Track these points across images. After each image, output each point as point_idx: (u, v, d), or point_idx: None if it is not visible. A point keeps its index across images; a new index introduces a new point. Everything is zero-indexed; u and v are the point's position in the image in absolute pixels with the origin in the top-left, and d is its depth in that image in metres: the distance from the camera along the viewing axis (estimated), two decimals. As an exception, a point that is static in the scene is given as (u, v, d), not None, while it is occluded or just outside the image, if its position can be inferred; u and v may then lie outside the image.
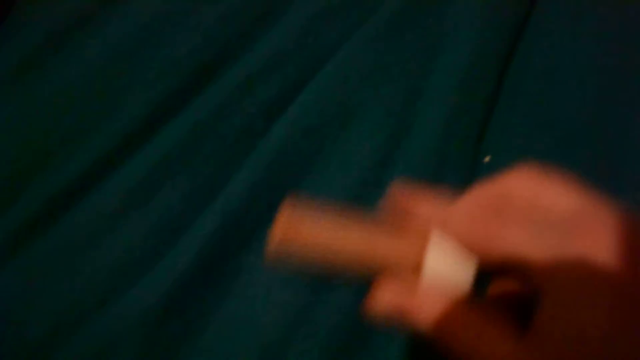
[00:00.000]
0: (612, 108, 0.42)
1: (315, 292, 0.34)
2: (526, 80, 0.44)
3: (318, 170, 0.38)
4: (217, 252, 0.35)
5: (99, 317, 0.34)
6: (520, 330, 0.23)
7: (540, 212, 0.24)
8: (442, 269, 0.26)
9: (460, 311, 0.24)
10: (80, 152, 0.38)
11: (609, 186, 0.38)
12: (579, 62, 0.44)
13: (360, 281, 0.35)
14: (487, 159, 0.40)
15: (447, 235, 0.26)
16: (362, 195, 0.37)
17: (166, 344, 0.34)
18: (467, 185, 0.38)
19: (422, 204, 0.28)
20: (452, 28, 0.45)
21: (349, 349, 0.33)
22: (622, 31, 0.47)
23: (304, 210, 0.28)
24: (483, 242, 0.24)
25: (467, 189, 0.37)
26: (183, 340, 0.34)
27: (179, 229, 0.36)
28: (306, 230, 0.27)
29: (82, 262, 0.36)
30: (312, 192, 0.37)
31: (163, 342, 0.34)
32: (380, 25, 0.44)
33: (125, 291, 0.35)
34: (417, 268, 0.26)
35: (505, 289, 0.27)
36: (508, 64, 0.45)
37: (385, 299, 0.26)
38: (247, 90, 0.41)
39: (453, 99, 0.40)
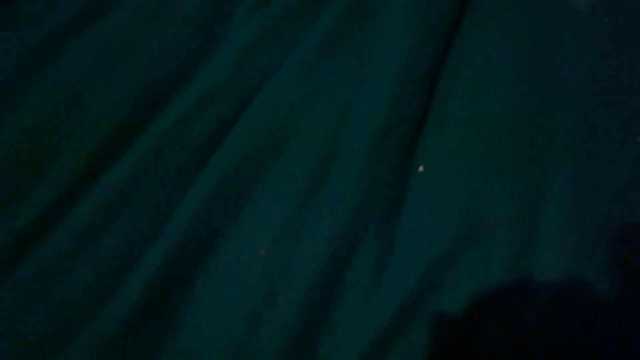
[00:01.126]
0: (540, 112, 0.44)
1: (258, 314, 0.36)
2: (456, 89, 0.46)
3: (256, 197, 0.39)
4: (163, 286, 0.36)
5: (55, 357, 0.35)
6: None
7: None
8: None
9: None
10: (25, 199, 0.40)
11: (538, 185, 0.40)
12: (507, 69, 0.46)
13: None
14: (421, 168, 0.42)
15: None
16: (299, 218, 0.38)
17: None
18: (401, 197, 0.40)
19: None
20: (380, 46, 0.46)
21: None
22: (548, 39, 0.49)
23: None
24: None
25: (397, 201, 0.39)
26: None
27: (126, 268, 0.37)
28: None
29: (33, 309, 0.37)
30: (251, 219, 0.38)
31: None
32: (309, 51, 0.45)
33: (76, 333, 0.36)
34: None
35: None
36: (438, 74, 0.47)
37: None
38: (184, 127, 0.42)
39: (382, 115, 0.42)
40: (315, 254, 0.37)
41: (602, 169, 0.41)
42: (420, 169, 0.42)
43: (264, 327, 0.35)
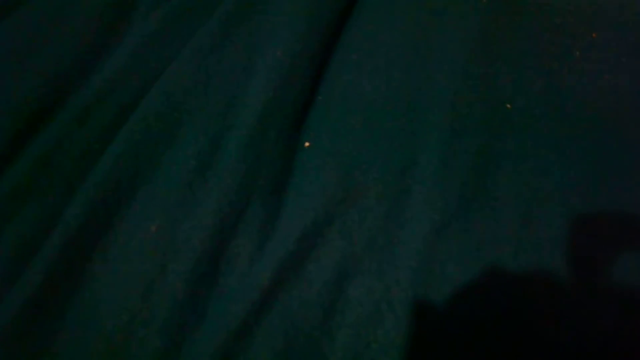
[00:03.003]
0: (412, 91, 0.48)
1: (149, 284, 0.39)
2: (343, 71, 0.50)
3: (150, 179, 0.42)
4: (64, 267, 0.39)
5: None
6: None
7: None
8: None
9: None
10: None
11: (408, 154, 0.44)
12: (388, 53, 0.50)
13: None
14: (307, 144, 0.45)
15: None
16: (189, 195, 0.42)
17: (26, 352, 0.38)
18: (288, 170, 0.43)
19: None
20: (268, 35, 0.50)
21: (183, 329, 0.38)
22: (429, 26, 0.53)
23: None
24: None
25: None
26: (40, 349, 0.38)
27: (30, 254, 0.40)
28: None
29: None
30: (144, 200, 0.42)
31: (23, 352, 0.38)
32: (202, 41, 0.49)
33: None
34: None
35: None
36: (328, 57, 0.51)
37: None
38: (84, 119, 0.45)
39: (267, 97, 0.45)
40: (202, 226, 0.40)
41: (469, 136, 0.45)
42: (307, 144, 0.45)
43: (155, 295, 0.38)
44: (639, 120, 0.46)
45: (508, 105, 0.47)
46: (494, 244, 0.41)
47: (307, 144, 0.45)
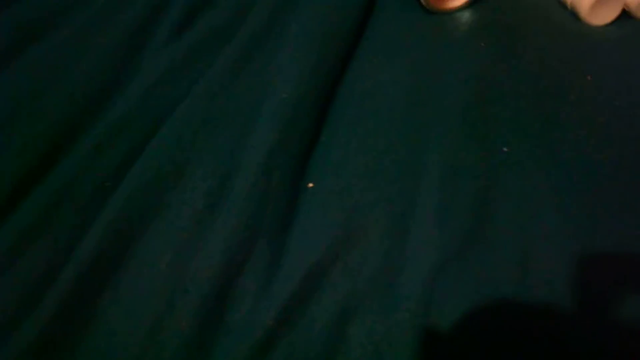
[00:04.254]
0: (413, 131, 0.50)
1: (158, 321, 0.40)
2: (346, 111, 0.52)
3: (160, 218, 0.44)
4: (75, 303, 0.41)
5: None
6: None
7: None
8: None
9: None
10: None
11: (408, 195, 0.45)
12: (389, 93, 0.52)
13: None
14: (310, 184, 0.47)
15: None
16: (197, 233, 0.43)
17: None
18: (292, 211, 0.45)
19: None
20: (276, 75, 0.52)
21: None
22: (430, 66, 0.55)
23: None
24: None
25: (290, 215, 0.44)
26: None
27: (44, 288, 0.42)
28: None
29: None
30: (154, 237, 0.43)
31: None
32: (211, 81, 0.51)
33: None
34: None
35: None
36: (331, 98, 0.53)
37: None
38: (97, 156, 0.47)
39: (273, 137, 0.47)
40: (210, 265, 0.42)
41: (468, 178, 0.47)
42: (310, 185, 0.47)
43: (163, 332, 0.40)
44: (633, 162, 0.48)
45: (505, 149, 0.49)
46: (493, 284, 0.42)
47: (310, 184, 0.47)
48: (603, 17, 0.58)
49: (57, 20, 0.58)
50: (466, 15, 0.60)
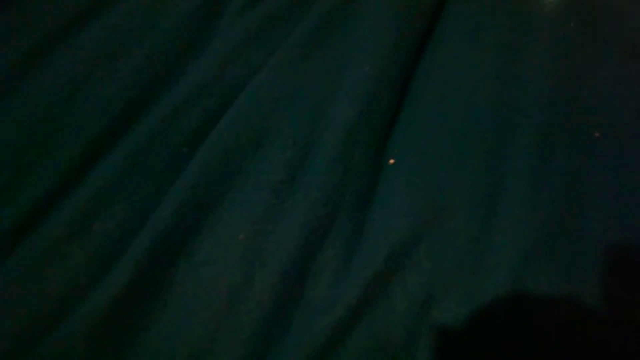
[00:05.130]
0: (500, 111, 0.47)
1: (236, 293, 0.39)
2: (427, 89, 0.50)
3: (238, 187, 0.43)
4: (151, 269, 0.40)
5: (49, 337, 0.39)
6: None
7: None
8: None
9: None
10: (22, 189, 0.43)
11: (496, 177, 0.43)
12: (473, 73, 0.50)
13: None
14: (391, 161, 0.45)
15: None
16: (276, 206, 0.42)
17: (109, 353, 0.38)
18: (372, 186, 0.43)
19: None
20: (356, 47, 0.50)
21: (268, 340, 0.38)
22: (514, 43, 0.52)
23: None
24: None
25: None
26: (123, 350, 0.38)
27: (117, 252, 0.41)
28: None
29: (33, 286, 0.40)
30: (233, 206, 0.42)
31: (106, 352, 0.38)
32: (290, 50, 0.49)
33: (72, 309, 0.39)
34: None
35: None
36: (411, 75, 0.51)
37: None
38: (173, 121, 0.45)
39: (355, 111, 0.45)
40: (289, 238, 0.40)
41: (558, 163, 0.44)
42: (391, 161, 0.45)
43: (241, 304, 0.38)
44: None
45: (597, 134, 0.46)
46: (580, 276, 0.40)
47: (391, 161, 0.45)
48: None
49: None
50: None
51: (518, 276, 0.39)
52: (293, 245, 0.40)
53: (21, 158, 0.44)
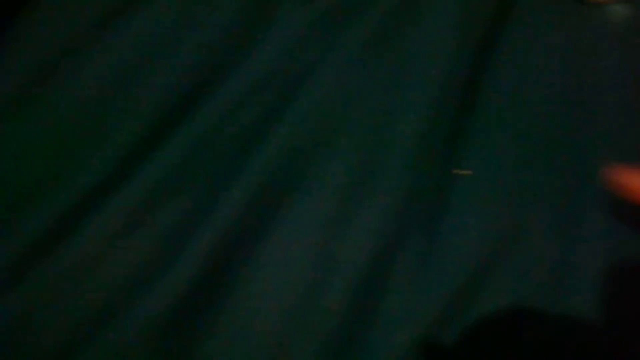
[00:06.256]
0: (579, 124, 0.45)
1: (308, 298, 0.37)
2: (498, 96, 0.47)
3: (304, 188, 0.40)
4: (217, 266, 0.38)
5: (105, 333, 0.36)
6: None
7: None
8: None
9: None
10: (80, 174, 0.41)
11: (574, 194, 0.41)
12: (545, 79, 0.48)
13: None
14: (466, 172, 0.43)
15: None
16: (346, 211, 0.40)
17: (171, 353, 0.36)
18: (445, 198, 0.41)
19: None
20: (421, 50, 0.48)
21: (344, 350, 0.35)
22: (586, 49, 0.50)
23: None
24: None
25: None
26: (187, 349, 0.36)
27: (181, 245, 0.38)
28: None
29: (86, 282, 0.38)
30: (300, 207, 0.40)
31: (169, 351, 0.36)
32: (354, 49, 0.47)
33: (129, 308, 0.37)
34: None
35: None
36: (480, 80, 0.48)
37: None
38: (233, 113, 0.43)
39: (425, 116, 0.43)
40: (363, 245, 0.38)
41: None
42: (466, 172, 0.43)
43: (312, 314, 0.36)
44: None
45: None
46: None
47: (465, 171, 0.43)
48: None
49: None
50: (621, 9, 0.55)
51: (604, 299, 0.37)
52: (367, 252, 0.38)
53: (75, 144, 0.42)
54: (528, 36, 0.52)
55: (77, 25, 0.48)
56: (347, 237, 0.39)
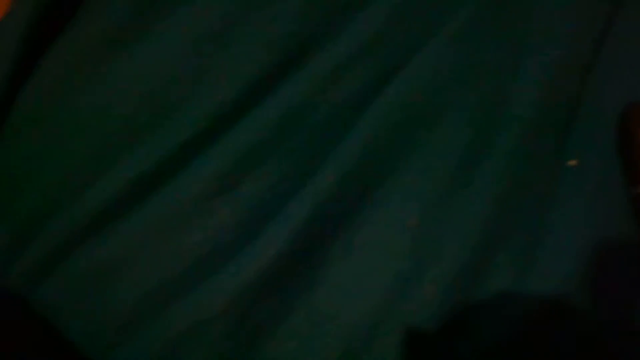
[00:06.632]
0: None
1: (403, 286, 0.35)
2: (609, 84, 0.44)
3: (407, 165, 0.38)
4: (305, 242, 0.36)
5: (184, 302, 0.35)
6: None
7: None
8: None
9: None
10: (167, 133, 0.38)
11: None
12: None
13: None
14: (573, 162, 0.40)
15: None
16: (451, 193, 0.37)
17: (249, 331, 0.34)
18: (551, 184, 0.38)
19: None
20: (538, 27, 0.44)
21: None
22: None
23: None
24: None
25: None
26: (266, 329, 0.34)
27: (267, 216, 0.36)
28: None
29: (168, 245, 0.36)
30: (402, 186, 0.37)
31: (247, 330, 0.34)
32: (466, 21, 0.43)
33: (211, 277, 0.35)
34: None
35: None
36: (593, 65, 0.45)
37: None
38: (334, 79, 0.40)
39: (539, 99, 0.40)
40: (468, 233, 0.36)
41: None
42: (572, 162, 0.40)
43: (407, 302, 0.34)
44: None
45: None
46: None
47: (572, 162, 0.40)
48: None
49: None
50: None
51: None
52: (473, 241, 0.35)
53: (168, 99, 0.39)
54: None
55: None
56: (451, 222, 0.36)
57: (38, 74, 0.41)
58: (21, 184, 0.39)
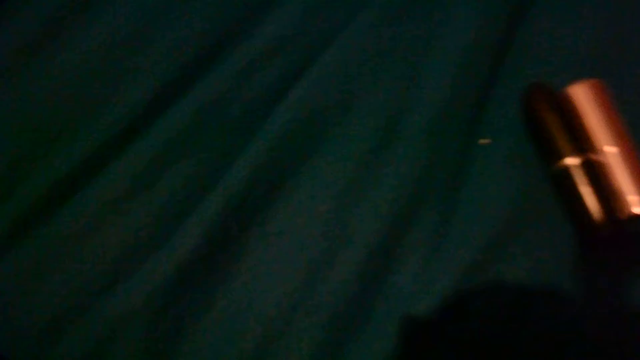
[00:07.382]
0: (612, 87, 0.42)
1: (316, 270, 0.35)
2: (524, 62, 0.45)
3: (320, 154, 0.39)
4: (220, 235, 0.36)
5: (106, 300, 0.35)
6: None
7: None
8: None
9: None
10: (83, 138, 0.39)
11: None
12: (576, 47, 0.45)
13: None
14: (484, 140, 0.41)
15: None
16: (362, 178, 0.38)
17: (171, 325, 0.35)
18: (464, 167, 0.39)
19: None
20: (449, 13, 0.45)
21: (348, 326, 0.34)
22: (615, 23, 0.47)
23: None
24: None
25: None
26: (187, 322, 0.35)
27: (183, 212, 0.37)
28: None
29: (87, 246, 0.37)
30: (312, 175, 0.38)
31: (168, 324, 0.35)
32: (379, 11, 0.44)
33: (130, 275, 0.36)
34: None
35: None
36: (506, 48, 0.46)
37: None
38: (248, 75, 0.41)
39: (448, 83, 0.41)
40: (377, 215, 0.36)
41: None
42: (484, 141, 0.41)
43: (321, 284, 0.35)
44: None
45: None
46: None
47: (484, 140, 0.41)
48: None
49: None
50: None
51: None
52: (381, 223, 0.36)
53: (83, 103, 0.40)
54: (558, 6, 0.49)
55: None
56: (361, 205, 0.37)
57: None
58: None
